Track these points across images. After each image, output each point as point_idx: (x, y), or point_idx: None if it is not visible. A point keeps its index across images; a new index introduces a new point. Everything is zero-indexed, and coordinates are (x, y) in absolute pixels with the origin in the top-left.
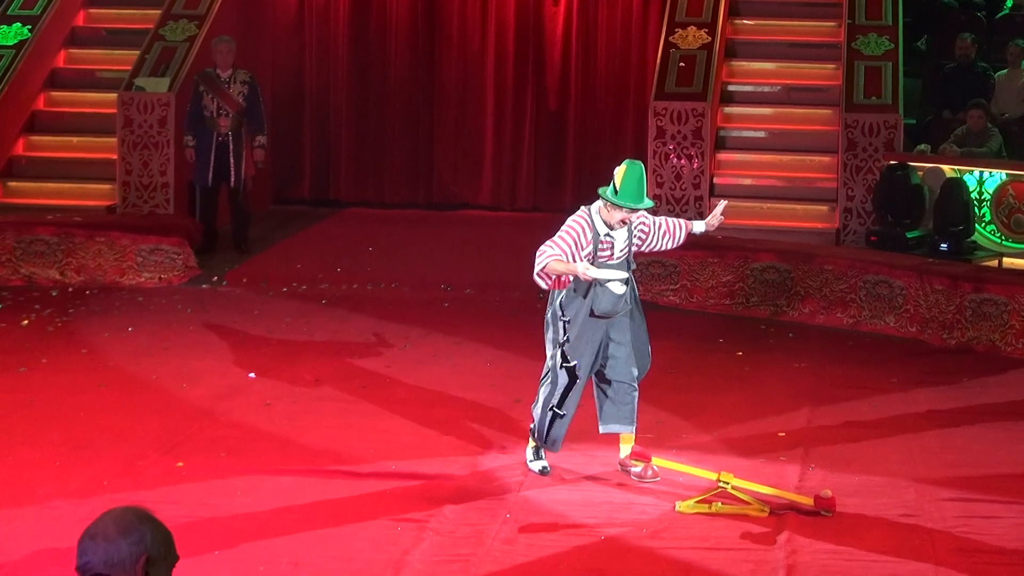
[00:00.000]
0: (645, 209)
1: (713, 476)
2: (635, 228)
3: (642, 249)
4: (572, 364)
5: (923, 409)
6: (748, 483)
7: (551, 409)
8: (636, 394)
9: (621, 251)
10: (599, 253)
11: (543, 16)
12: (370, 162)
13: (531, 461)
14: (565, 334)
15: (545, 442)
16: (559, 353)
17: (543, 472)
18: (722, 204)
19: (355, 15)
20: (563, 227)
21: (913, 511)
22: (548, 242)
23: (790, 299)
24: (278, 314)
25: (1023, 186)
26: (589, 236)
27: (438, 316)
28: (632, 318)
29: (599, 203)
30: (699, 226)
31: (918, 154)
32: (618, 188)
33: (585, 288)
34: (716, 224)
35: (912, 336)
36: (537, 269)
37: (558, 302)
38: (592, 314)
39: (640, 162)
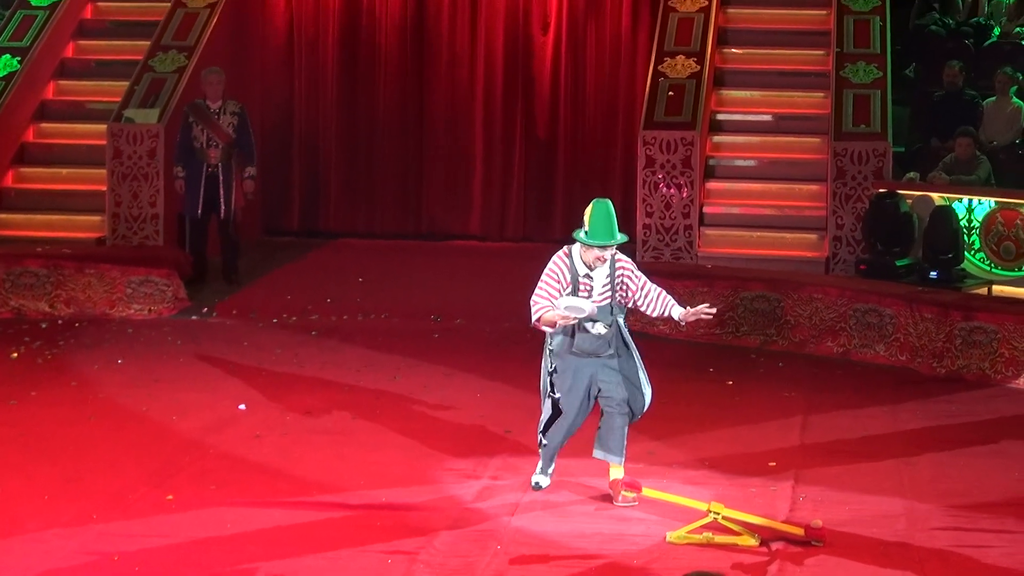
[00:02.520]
0: (617, 245)
1: (704, 506)
2: (617, 272)
3: (629, 304)
4: (556, 396)
5: (914, 437)
6: (739, 513)
7: (539, 433)
8: (626, 422)
9: (601, 293)
10: (579, 293)
11: (532, 45)
12: (359, 193)
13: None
14: (552, 364)
15: (541, 460)
16: (548, 382)
17: (534, 487)
18: (706, 307)
19: (344, 46)
20: (544, 272)
21: (904, 539)
22: (535, 292)
23: (780, 328)
24: (268, 345)
25: (1012, 214)
26: (568, 277)
27: (428, 347)
28: (619, 356)
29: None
30: (677, 312)
31: (907, 182)
32: (587, 228)
33: (570, 328)
34: (691, 320)
35: (902, 365)
36: (532, 322)
37: (549, 332)
38: (572, 350)
39: (608, 200)
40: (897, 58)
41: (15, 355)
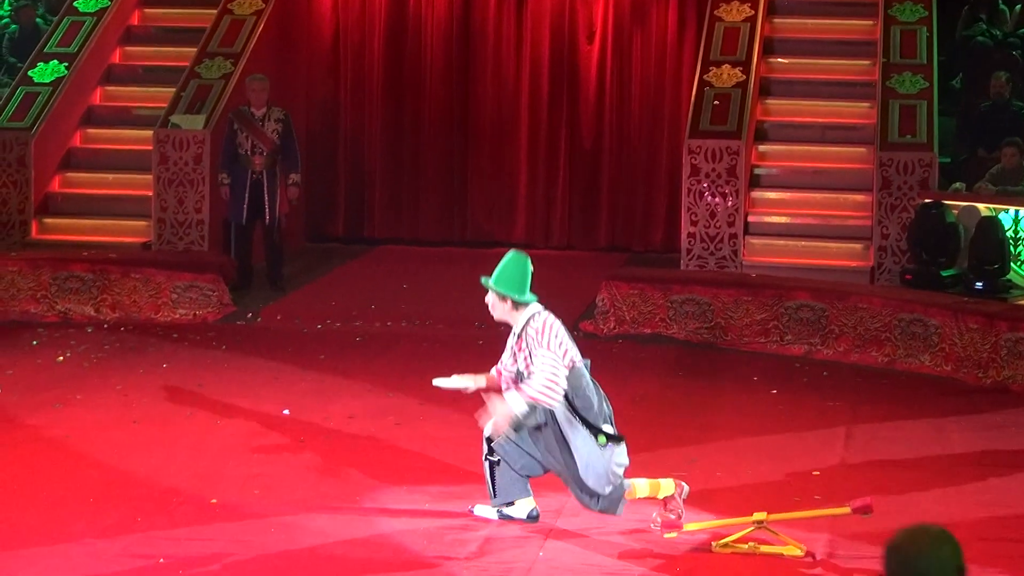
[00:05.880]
0: (486, 287)
1: (748, 519)
2: (528, 331)
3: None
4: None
5: (958, 449)
6: (784, 514)
7: (485, 458)
8: (613, 492)
9: (510, 355)
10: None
11: (577, 54)
12: (404, 200)
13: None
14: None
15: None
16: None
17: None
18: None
19: (390, 53)
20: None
21: None
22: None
23: (824, 337)
24: (312, 351)
25: None
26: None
27: (472, 353)
28: (555, 437)
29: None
30: (510, 394)
31: (953, 192)
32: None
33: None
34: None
35: (947, 375)
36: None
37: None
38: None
39: (523, 256)
40: (943, 69)
41: (61, 359)
